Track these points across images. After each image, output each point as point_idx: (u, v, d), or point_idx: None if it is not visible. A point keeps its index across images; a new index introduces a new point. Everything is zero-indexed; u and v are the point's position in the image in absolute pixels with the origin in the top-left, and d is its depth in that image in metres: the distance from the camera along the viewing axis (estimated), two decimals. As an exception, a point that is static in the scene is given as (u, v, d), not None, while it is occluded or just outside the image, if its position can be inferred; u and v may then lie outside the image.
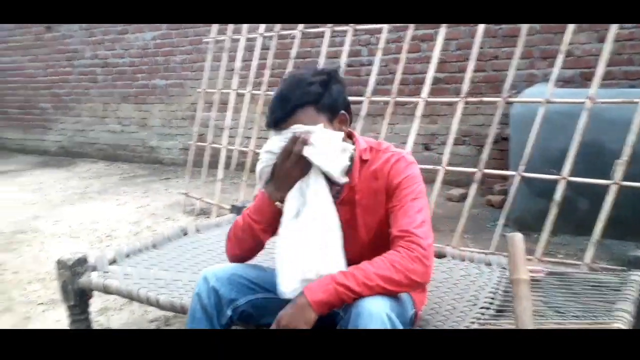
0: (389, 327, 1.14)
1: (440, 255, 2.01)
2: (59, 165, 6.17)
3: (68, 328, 1.90)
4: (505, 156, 3.83)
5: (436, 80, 4.39)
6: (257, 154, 3.62)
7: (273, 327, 1.23)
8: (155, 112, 5.88)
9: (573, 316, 1.48)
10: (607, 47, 2.46)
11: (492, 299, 1.64)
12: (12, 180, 5.36)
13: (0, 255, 3.17)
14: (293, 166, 1.32)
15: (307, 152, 1.29)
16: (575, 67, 3.88)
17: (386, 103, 3.24)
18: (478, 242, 3.14)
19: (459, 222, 2.77)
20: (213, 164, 3.90)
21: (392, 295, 1.23)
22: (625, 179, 2.37)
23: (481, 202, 3.96)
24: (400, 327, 1.18)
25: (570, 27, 2.59)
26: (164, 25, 5.53)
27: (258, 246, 1.47)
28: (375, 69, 3.31)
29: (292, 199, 1.36)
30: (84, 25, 6.06)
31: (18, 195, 4.68)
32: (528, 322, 1.05)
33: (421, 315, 1.51)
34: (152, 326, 2.24)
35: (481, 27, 2.98)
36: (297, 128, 1.29)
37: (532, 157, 2.69)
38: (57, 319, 2.30)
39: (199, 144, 4.03)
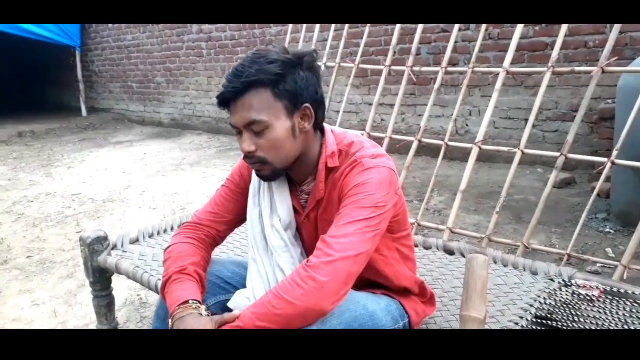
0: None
1: (448, 251, 1.70)
2: (167, 137, 6.57)
3: (63, 328, 1.93)
4: (571, 133, 3.22)
5: (542, 45, 3.82)
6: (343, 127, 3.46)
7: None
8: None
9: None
10: None
11: (521, 317, 1.33)
12: (125, 150, 5.81)
13: (86, 221, 3.42)
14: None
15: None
16: None
17: (462, 73, 2.85)
18: (567, 238, 2.67)
19: (534, 214, 2.36)
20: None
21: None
22: None
23: (587, 189, 3.40)
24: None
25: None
26: (260, -3, 5.51)
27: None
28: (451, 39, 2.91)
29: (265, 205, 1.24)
30: None
31: (122, 164, 5.04)
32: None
33: (419, 325, 1.28)
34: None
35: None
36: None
37: (637, 140, 2.18)
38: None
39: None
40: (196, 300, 1.10)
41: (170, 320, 1.09)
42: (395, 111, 3.16)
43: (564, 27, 2.44)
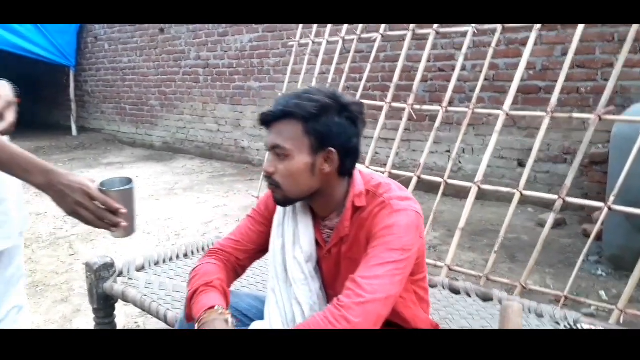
0: None
1: (486, 299, 1.73)
2: (159, 160, 6.55)
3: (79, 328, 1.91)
4: (569, 178, 3.32)
5: (536, 89, 3.95)
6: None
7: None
8: (247, 113, 6.01)
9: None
10: None
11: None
12: (116, 172, 5.77)
13: (79, 244, 3.38)
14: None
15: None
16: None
17: (461, 113, 2.94)
18: (560, 280, 2.73)
19: (532, 255, 2.41)
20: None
21: None
22: None
23: (577, 231, 3.48)
24: None
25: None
26: (261, 28, 5.61)
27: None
28: (455, 75, 3.01)
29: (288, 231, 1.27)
30: (190, 26, 6.37)
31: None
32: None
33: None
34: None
35: (580, 28, 2.58)
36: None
37: (633, 186, 2.27)
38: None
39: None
40: (222, 307, 1.13)
41: (196, 325, 1.11)
42: (395, 147, 3.24)
43: (563, 74, 2.55)
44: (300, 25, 4.02)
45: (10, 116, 1.11)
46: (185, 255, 2.08)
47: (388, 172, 3.14)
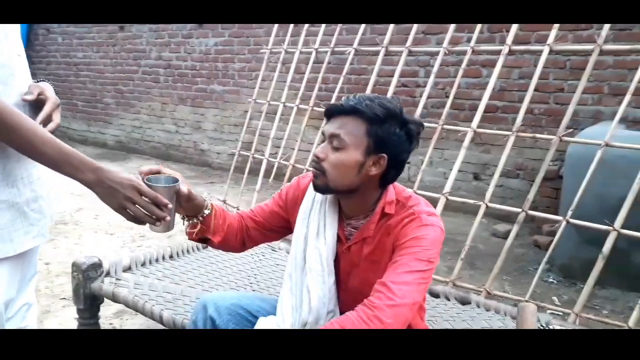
0: None
1: (464, 302, 1.86)
2: (113, 159, 6.39)
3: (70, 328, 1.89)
4: (559, 195, 3.58)
5: (494, 108, 4.20)
6: (296, 167, 3.59)
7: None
8: (209, 116, 5.98)
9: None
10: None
11: None
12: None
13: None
14: None
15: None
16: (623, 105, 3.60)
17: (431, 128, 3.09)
18: (517, 286, 2.93)
19: (496, 263, 2.58)
20: (256, 173, 3.90)
21: None
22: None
23: (528, 241, 3.72)
24: None
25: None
26: (227, 32, 5.62)
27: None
28: (427, 91, 3.17)
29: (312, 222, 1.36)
30: (153, 26, 6.27)
31: (68, 186, 4.85)
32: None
33: None
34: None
35: (544, 55, 2.79)
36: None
37: (585, 202, 2.48)
38: (75, 316, 2.31)
39: (244, 152, 4.03)
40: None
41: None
42: None
43: (529, 95, 2.76)
44: (273, 33, 4.08)
45: (57, 117, 1.13)
46: (171, 257, 2.09)
47: None
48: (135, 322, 2.32)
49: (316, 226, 1.33)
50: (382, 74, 4.53)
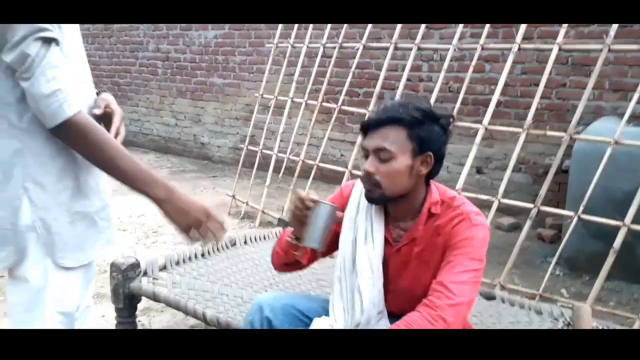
0: None
1: (489, 297, 1.94)
2: (113, 153, 6.36)
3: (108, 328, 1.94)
4: (562, 189, 3.69)
5: (497, 103, 4.27)
6: (306, 163, 3.65)
7: None
8: (209, 109, 5.99)
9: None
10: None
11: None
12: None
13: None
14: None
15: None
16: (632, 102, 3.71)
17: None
18: (525, 279, 3.03)
19: (510, 257, 2.68)
20: (260, 167, 3.95)
21: None
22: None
23: (532, 234, 3.82)
24: None
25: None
26: (227, 25, 5.61)
27: (297, 265, 1.47)
28: (437, 86, 3.24)
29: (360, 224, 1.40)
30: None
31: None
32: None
33: None
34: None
35: (554, 53, 2.87)
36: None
37: (591, 196, 2.58)
38: (102, 314, 2.35)
39: (251, 147, 4.07)
40: None
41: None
42: (355, 149, 3.46)
43: (540, 90, 2.84)
44: (279, 27, 4.11)
45: (123, 130, 1.16)
46: (203, 255, 2.14)
47: (349, 170, 3.36)
48: (163, 318, 2.37)
49: (364, 231, 1.39)
50: (389, 67, 4.58)
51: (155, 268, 1.96)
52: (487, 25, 3.06)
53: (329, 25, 3.70)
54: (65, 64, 1.05)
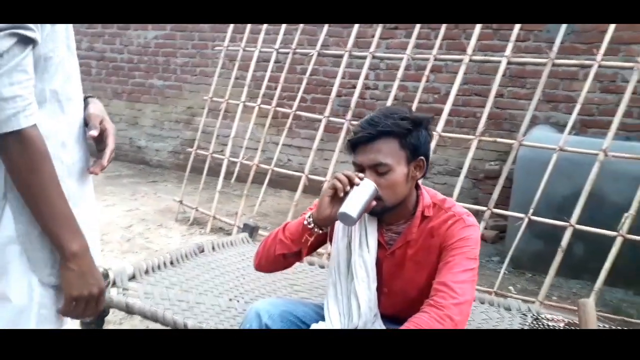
0: None
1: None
2: (41, 156, 5.97)
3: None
4: (503, 192, 3.90)
5: (438, 111, 4.47)
6: (260, 167, 3.61)
7: None
8: (147, 112, 5.77)
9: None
10: (626, 100, 2.58)
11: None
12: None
13: None
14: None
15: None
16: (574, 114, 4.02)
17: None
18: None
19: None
20: (208, 172, 3.87)
21: None
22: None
23: (475, 236, 4.03)
24: None
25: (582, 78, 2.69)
26: (169, 26, 5.45)
27: (296, 257, 1.46)
28: (391, 95, 3.33)
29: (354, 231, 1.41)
30: (81, 15, 5.92)
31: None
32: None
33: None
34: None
35: (503, 65, 3.04)
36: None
37: (533, 199, 2.76)
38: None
39: (200, 151, 3.98)
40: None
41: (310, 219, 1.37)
42: (312, 155, 3.50)
43: (490, 99, 3.00)
44: (230, 30, 4.05)
45: (112, 143, 1.07)
46: (172, 263, 2.07)
47: (306, 175, 3.39)
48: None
49: (358, 236, 1.41)
50: (331, 75, 4.65)
51: (125, 278, 1.86)
52: (439, 38, 3.20)
53: (282, 31, 3.70)
54: (39, 75, 0.93)
